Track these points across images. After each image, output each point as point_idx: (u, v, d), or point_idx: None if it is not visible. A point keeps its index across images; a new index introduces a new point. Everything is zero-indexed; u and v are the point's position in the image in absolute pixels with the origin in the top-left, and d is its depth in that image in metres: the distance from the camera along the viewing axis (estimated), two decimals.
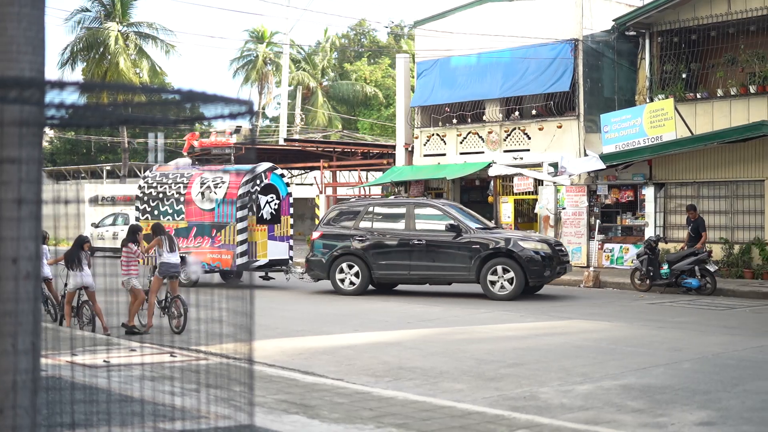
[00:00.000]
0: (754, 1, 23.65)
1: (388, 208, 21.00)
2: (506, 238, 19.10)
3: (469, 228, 19.26)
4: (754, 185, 22.91)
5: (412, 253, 19.50)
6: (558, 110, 27.05)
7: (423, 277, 19.71)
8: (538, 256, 18.73)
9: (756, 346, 12.43)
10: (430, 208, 20.17)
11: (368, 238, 20.01)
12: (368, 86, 61.66)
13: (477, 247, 18.92)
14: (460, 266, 19.08)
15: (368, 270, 19.86)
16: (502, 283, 18.68)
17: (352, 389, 9.15)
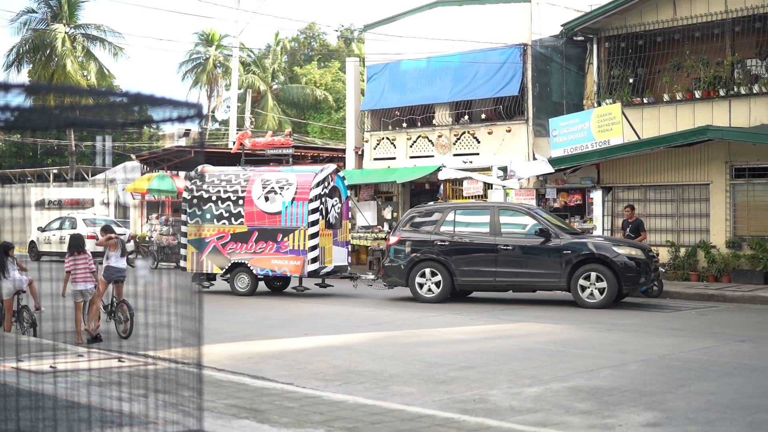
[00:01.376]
0: (699, 8, 23.99)
1: (471, 212, 19.87)
2: (599, 244, 18.28)
3: (558, 232, 18.38)
4: (699, 189, 23.22)
5: (498, 259, 18.59)
6: (507, 114, 27.22)
7: (509, 284, 18.81)
8: (633, 263, 17.80)
9: (701, 348, 12.59)
10: (515, 212, 19.35)
11: (451, 243, 19.13)
12: (318, 90, 61.53)
13: (568, 253, 17.99)
14: (549, 273, 18.14)
15: (450, 276, 19.00)
16: (594, 291, 17.77)
17: (302, 393, 9.13)
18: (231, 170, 22.23)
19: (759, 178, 22.30)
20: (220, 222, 21.01)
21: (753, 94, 22.83)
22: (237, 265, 20.81)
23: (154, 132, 60.01)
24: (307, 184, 20.63)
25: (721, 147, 22.63)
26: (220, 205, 21.09)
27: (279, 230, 20.57)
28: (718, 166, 22.85)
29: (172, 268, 28.60)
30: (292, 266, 20.51)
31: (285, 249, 20.47)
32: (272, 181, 20.98)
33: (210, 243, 21.06)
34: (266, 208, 20.71)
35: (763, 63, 23.27)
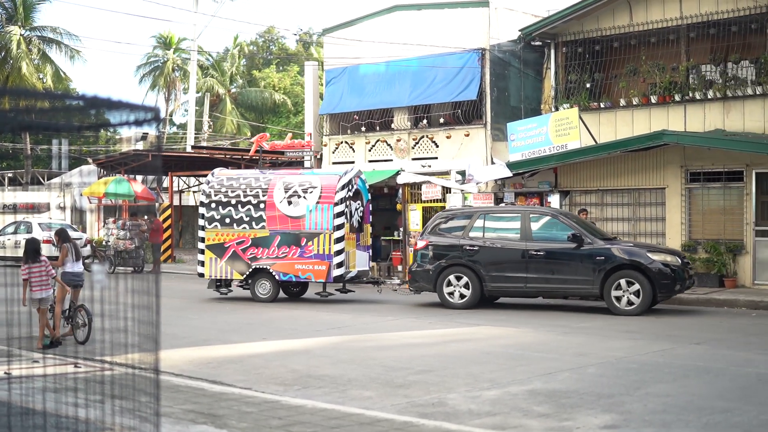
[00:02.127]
0: (655, 14, 24.24)
1: (501, 217, 19.42)
2: (633, 250, 17.80)
3: (591, 238, 17.99)
4: (655, 193, 23.44)
5: (530, 265, 18.14)
6: (465, 119, 27.32)
7: (540, 290, 18.37)
8: (668, 269, 17.41)
9: (657, 350, 12.71)
10: (546, 217, 18.91)
11: (480, 248, 18.69)
12: (277, 93, 61.44)
13: (601, 259, 17.56)
14: (581, 279, 17.73)
15: (479, 282, 18.58)
16: (629, 298, 17.33)
17: (261, 398, 9.10)
18: (249, 173, 21.80)
19: (713, 182, 22.55)
20: (240, 226, 20.56)
21: (707, 99, 23.10)
22: (258, 270, 20.41)
23: (111, 136, 59.58)
24: (332, 188, 20.16)
25: (676, 151, 22.86)
26: (240, 209, 20.62)
27: (303, 234, 20.11)
28: (673, 171, 23.09)
29: (129, 273, 28.42)
30: (316, 271, 20.04)
31: (309, 254, 20.02)
32: (295, 185, 20.50)
33: (229, 248, 20.64)
34: (289, 211, 20.27)
35: (717, 69, 23.54)
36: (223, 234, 20.70)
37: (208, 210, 20.99)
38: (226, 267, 20.70)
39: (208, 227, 20.91)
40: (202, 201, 21.28)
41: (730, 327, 15.69)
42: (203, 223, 21.05)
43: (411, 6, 28.79)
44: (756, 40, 23.07)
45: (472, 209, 20.29)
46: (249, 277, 20.56)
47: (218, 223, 20.77)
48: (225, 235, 20.68)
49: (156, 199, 34.81)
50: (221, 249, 20.70)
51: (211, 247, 20.86)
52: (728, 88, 22.78)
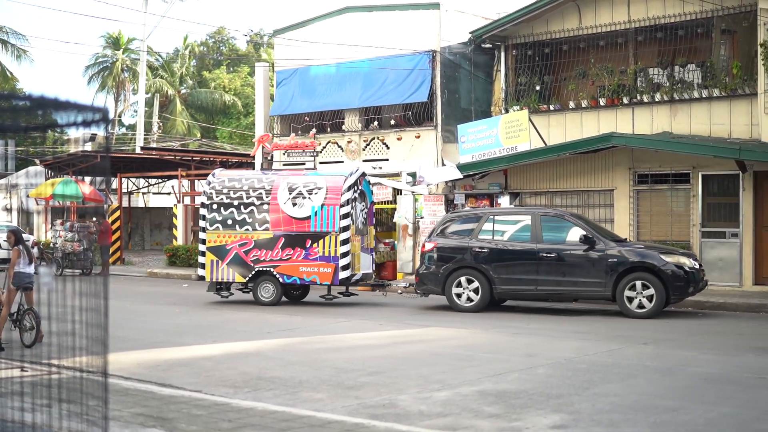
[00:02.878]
0: (603, 17, 24.48)
1: (511, 218, 19.07)
2: (646, 252, 17.60)
3: (603, 240, 17.75)
4: (604, 194, 23.67)
5: (540, 267, 17.87)
6: (416, 120, 27.38)
7: (551, 292, 18.07)
8: (681, 272, 17.18)
9: (606, 351, 12.83)
10: (557, 219, 18.53)
11: (490, 250, 18.39)
12: (227, 95, 61.13)
13: (614, 261, 17.32)
14: (593, 281, 17.48)
15: (489, 285, 18.27)
16: (641, 301, 17.11)
17: (211, 401, 9.06)
18: (251, 174, 21.39)
19: (660, 184, 22.82)
20: (242, 228, 20.16)
21: (655, 102, 23.37)
22: (261, 273, 20.00)
23: (58, 136, 58.88)
24: (338, 189, 19.79)
25: (624, 153, 23.11)
26: (242, 210, 20.22)
27: (308, 236, 19.71)
28: (621, 172, 23.33)
29: (77, 275, 28.11)
30: (321, 273, 19.63)
31: (314, 255, 19.63)
32: (299, 185, 20.11)
33: (231, 250, 20.24)
34: (294, 213, 19.87)
35: (664, 72, 23.84)
36: (224, 236, 20.29)
37: (209, 211, 20.55)
38: (227, 270, 20.27)
39: (209, 229, 20.45)
40: (203, 202, 20.79)
41: (676, 327, 15.88)
42: (204, 225, 20.61)
43: (362, 8, 28.81)
44: (702, 44, 23.39)
45: (481, 211, 20.01)
46: (251, 280, 20.14)
47: (220, 224, 20.34)
48: (227, 237, 20.27)
49: (105, 201, 34.47)
50: (223, 251, 20.28)
51: (212, 249, 20.41)
52: (675, 91, 23.07)
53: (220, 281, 20.53)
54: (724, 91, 22.27)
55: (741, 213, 21.57)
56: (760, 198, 21.46)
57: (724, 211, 22.04)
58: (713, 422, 8.30)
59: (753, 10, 21.75)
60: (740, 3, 22.21)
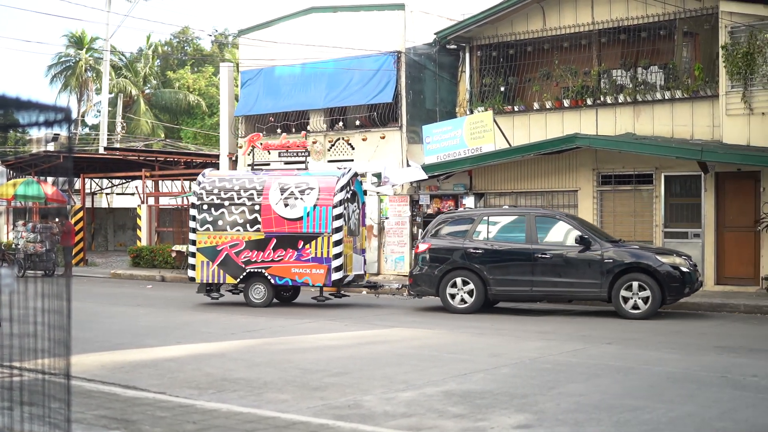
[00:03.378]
0: (567, 19, 24.63)
1: (505, 219, 18.89)
2: (642, 253, 17.51)
3: (599, 241, 17.69)
4: (568, 195, 23.82)
5: (535, 268, 17.77)
6: (381, 121, 27.41)
7: (546, 293, 18.06)
8: (677, 272, 17.16)
9: (570, 351, 12.91)
10: (552, 219, 18.43)
11: (484, 251, 18.26)
12: (192, 95, 60.84)
13: (609, 262, 17.27)
14: (589, 282, 17.41)
15: (484, 286, 18.14)
16: (637, 301, 17.10)
17: (175, 402, 9.01)
18: (242, 174, 21.08)
19: (624, 184, 22.99)
20: (233, 229, 19.89)
21: (618, 103, 23.55)
22: (253, 274, 19.76)
23: (20, 137, 58.33)
24: (331, 189, 19.54)
25: (588, 154, 23.26)
26: (233, 211, 19.95)
27: (300, 237, 19.46)
28: (585, 173, 23.48)
29: (39, 276, 27.86)
30: (314, 275, 19.37)
31: (307, 257, 19.38)
32: (291, 186, 19.86)
33: (222, 251, 19.96)
34: (286, 213, 19.61)
35: (627, 73, 24.04)
36: (215, 237, 20.02)
37: (199, 212, 20.25)
38: (218, 271, 19.99)
39: (200, 230, 20.18)
40: (193, 203, 20.49)
41: (640, 327, 15.99)
42: (194, 226, 20.31)
43: (327, 8, 28.79)
44: (664, 46, 23.60)
45: (475, 212, 19.86)
46: (243, 281, 19.92)
47: (210, 225, 20.07)
48: (218, 237, 20.00)
49: (67, 202, 34.20)
50: (213, 252, 20.00)
51: (202, 250, 20.12)
52: (638, 93, 23.26)
53: (210, 282, 20.28)
54: (686, 93, 22.49)
55: (703, 214, 21.78)
56: (722, 199, 21.68)
57: (687, 212, 22.24)
58: (675, 421, 8.38)
59: (714, 12, 21.98)
60: (702, 6, 22.43)
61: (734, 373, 10.95)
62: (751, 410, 8.85)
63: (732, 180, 21.59)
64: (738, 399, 9.37)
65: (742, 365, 11.55)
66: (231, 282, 20.07)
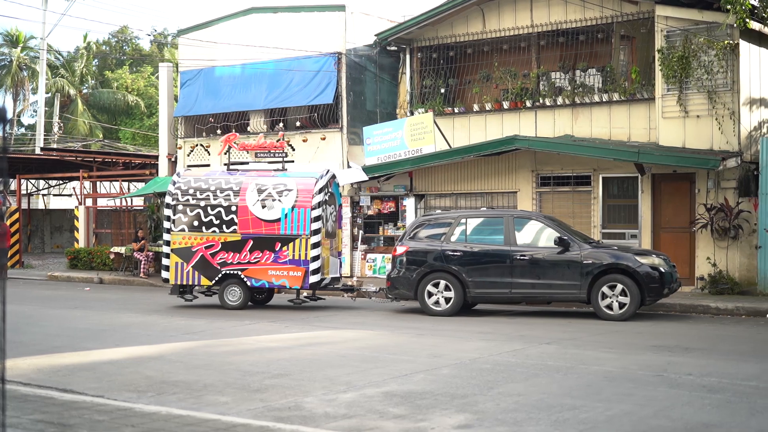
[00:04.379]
0: (507, 22, 24.82)
1: (484, 221, 18.76)
2: (620, 254, 17.43)
3: (577, 242, 17.61)
4: (508, 196, 23.99)
5: (514, 270, 17.66)
6: (322, 122, 27.38)
7: (525, 295, 17.95)
8: (656, 273, 17.13)
9: (509, 351, 13.01)
10: (530, 221, 18.31)
11: (463, 253, 18.13)
12: (130, 95, 60.22)
13: (588, 263, 17.20)
14: (568, 284, 17.33)
15: (462, 289, 17.98)
16: (616, 302, 17.03)
17: (113, 406, 8.92)
18: (218, 175, 20.63)
19: (562, 186, 23.23)
20: (209, 230, 19.55)
21: (557, 105, 23.78)
22: (228, 276, 19.49)
23: None
24: (309, 191, 19.30)
25: (527, 156, 23.46)
26: (209, 211, 19.60)
27: (277, 239, 19.22)
28: (524, 175, 23.68)
29: None
30: (291, 277, 19.13)
31: (284, 259, 19.14)
32: (269, 187, 19.59)
33: (197, 252, 19.63)
34: (263, 215, 19.33)
35: (566, 76, 24.29)
36: (190, 238, 19.71)
37: (174, 212, 19.89)
38: (193, 272, 19.69)
39: (175, 230, 19.82)
40: (168, 203, 20.10)
41: (578, 327, 16.16)
42: (169, 226, 19.95)
43: (267, 8, 28.69)
44: (602, 49, 23.90)
45: (453, 214, 19.60)
46: (218, 283, 19.66)
47: (185, 226, 19.73)
48: (193, 238, 19.69)
49: (2, 203, 33.66)
50: (188, 253, 19.68)
51: (177, 251, 19.78)
52: (576, 95, 23.52)
53: (184, 284, 20.00)
54: (623, 96, 22.78)
55: (640, 214, 22.07)
56: (658, 200, 22.00)
57: (624, 213, 22.53)
58: (613, 419, 8.49)
59: (651, 17, 22.30)
60: (638, 10, 22.75)
61: (670, 371, 11.12)
62: (686, 408, 8.99)
63: (668, 181, 21.92)
64: (673, 397, 9.52)
65: (678, 364, 11.74)
66: (206, 284, 19.86)
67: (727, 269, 20.93)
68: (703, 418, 8.55)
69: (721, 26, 20.62)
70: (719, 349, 13.32)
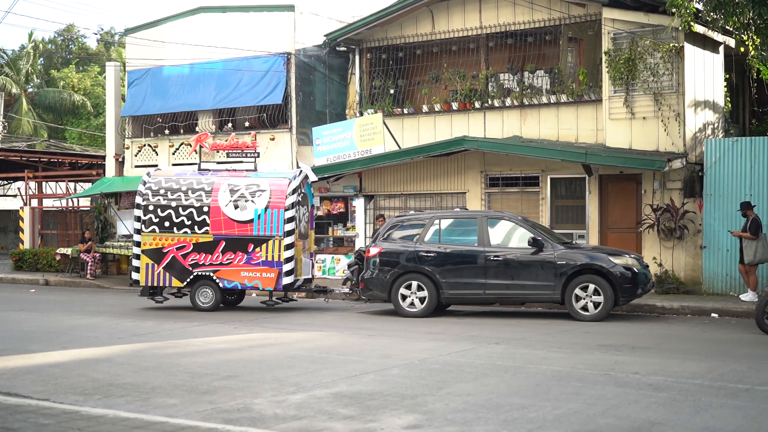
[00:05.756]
0: (456, 23, 24.91)
1: (457, 222, 18.79)
2: (594, 254, 17.51)
3: (551, 242, 17.64)
4: (457, 197, 24.08)
5: (488, 271, 17.65)
6: (271, 123, 27.28)
7: (499, 296, 17.96)
8: (629, 273, 17.18)
9: (459, 351, 13.05)
10: (503, 221, 18.25)
11: (436, 254, 18.07)
12: (77, 94, 59.51)
13: (562, 264, 17.23)
14: (542, 284, 17.35)
15: (436, 289, 17.96)
16: (590, 303, 17.07)
17: (59, 409, 8.81)
18: (190, 175, 20.33)
19: (511, 186, 23.37)
20: (180, 230, 19.32)
21: (506, 106, 23.92)
22: (200, 277, 19.27)
23: None
24: (282, 192, 19.11)
25: (476, 157, 23.57)
26: (181, 212, 19.36)
27: (250, 240, 19.02)
28: (473, 176, 23.78)
29: None
30: (264, 279, 19.05)
31: (257, 260, 18.97)
32: (241, 187, 19.39)
33: (168, 253, 19.38)
34: (236, 215, 19.12)
35: (514, 77, 24.44)
36: (161, 238, 19.46)
37: (144, 213, 19.62)
38: (164, 274, 19.46)
39: (145, 231, 19.55)
40: (138, 203, 19.82)
41: (527, 326, 16.28)
42: (139, 227, 19.69)
43: (216, 8, 28.53)
44: (550, 50, 24.08)
45: (427, 215, 19.50)
46: (189, 285, 19.45)
47: (156, 226, 19.48)
48: (164, 239, 19.44)
49: None
50: (159, 254, 19.44)
51: (147, 252, 19.52)
52: (525, 97, 23.68)
53: (154, 286, 19.77)
54: (571, 97, 22.99)
55: (587, 215, 22.28)
56: (605, 200, 22.22)
57: (572, 213, 22.72)
58: (561, 418, 8.55)
59: (598, 19, 22.52)
60: (586, 12, 22.96)
61: (617, 370, 11.24)
62: (633, 406, 9.09)
63: (615, 182, 22.14)
64: (621, 396, 9.62)
65: (625, 363, 11.86)
66: (177, 285, 19.67)
67: (672, 269, 21.20)
68: (650, 416, 8.65)
69: (666, 29, 20.89)
70: (665, 348, 13.49)
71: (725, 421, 8.49)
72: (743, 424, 8.41)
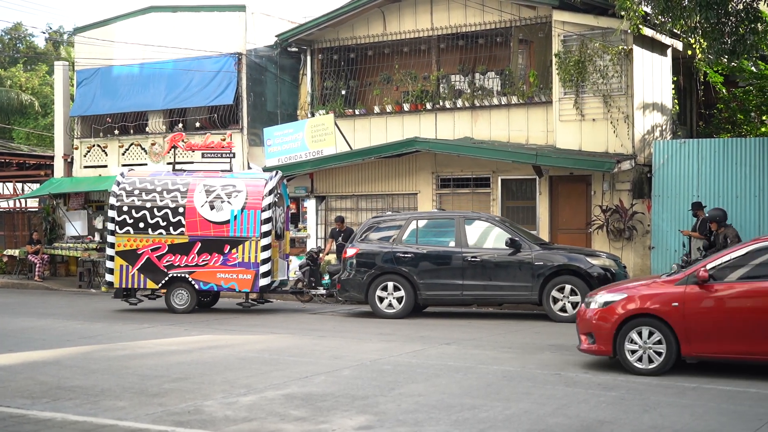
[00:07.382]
0: (407, 25, 24.96)
1: (434, 223, 18.76)
2: (572, 255, 17.49)
3: (529, 243, 17.56)
4: (408, 198, 24.12)
5: (465, 272, 17.59)
6: (222, 123, 27.15)
7: (477, 297, 17.92)
8: (607, 274, 17.06)
9: (410, 351, 13.09)
10: (481, 222, 18.24)
11: (414, 255, 17.98)
12: (24, 94, 58.79)
13: (540, 265, 17.19)
14: (520, 285, 17.31)
15: (414, 291, 17.87)
16: (568, 304, 17.02)
17: (6, 413, 8.72)
18: (165, 175, 20.01)
19: (462, 187, 23.45)
20: (155, 232, 19.04)
21: (457, 108, 24.00)
22: (175, 279, 19.02)
23: None
24: (259, 193, 18.91)
25: (427, 158, 23.62)
26: (156, 213, 19.10)
27: (226, 241, 18.79)
28: (425, 177, 23.84)
29: None
30: (241, 280, 18.84)
31: (233, 261, 18.75)
32: (217, 188, 19.16)
33: (143, 255, 19.09)
34: (212, 216, 18.90)
35: (465, 79, 24.54)
36: (136, 240, 19.18)
37: (119, 214, 19.32)
38: (138, 275, 19.19)
39: (119, 232, 19.26)
40: (112, 204, 19.49)
41: (479, 327, 16.36)
42: (113, 228, 19.36)
43: (166, 8, 28.33)
44: (501, 52, 24.20)
45: (404, 215, 19.38)
46: (164, 286, 19.20)
47: (130, 228, 19.20)
48: (138, 241, 19.17)
49: None
50: (134, 256, 19.15)
51: (121, 254, 19.22)
52: (476, 98, 23.78)
53: (129, 287, 19.51)
54: (521, 99, 23.13)
55: (538, 216, 22.42)
56: (555, 201, 22.39)
57: (523, 214, 22.84)
58: (512, 418, 8.61)
59: (548, 21, 22.68)
60: (536, 14, 23.11)
61: (567, 370, 11.34)
62: (583, 405, 9.18)
63: (565, 183, 22.31)
64: (570, 395, 9.71)
65: (575, 363, 11.97)
66: (152, 287, 19.47)
67: None
68: (599, 415, 8.74)
69: (615, 32, 21.08)
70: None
71: (673, 420, 8.61)
72: (690, 422, 8.53)
